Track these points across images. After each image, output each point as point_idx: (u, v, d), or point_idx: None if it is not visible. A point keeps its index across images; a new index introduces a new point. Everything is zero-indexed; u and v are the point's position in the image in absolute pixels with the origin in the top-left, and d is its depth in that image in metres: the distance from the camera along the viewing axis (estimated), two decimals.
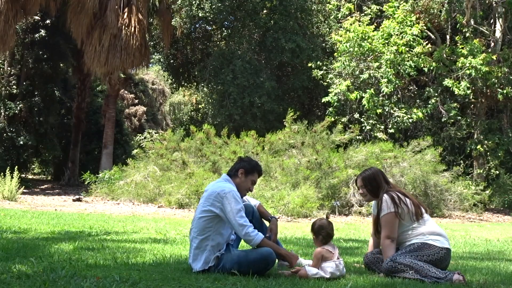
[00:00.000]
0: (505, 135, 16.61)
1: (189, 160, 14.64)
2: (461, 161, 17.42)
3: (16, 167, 14.27)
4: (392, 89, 15.61)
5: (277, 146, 14.45)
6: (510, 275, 4.49)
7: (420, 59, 15.58)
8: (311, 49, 18.63)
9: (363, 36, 15.91)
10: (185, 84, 23.99)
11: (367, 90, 15.57)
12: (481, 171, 16.78)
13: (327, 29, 19.79)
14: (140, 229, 7.86)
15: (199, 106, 25.82)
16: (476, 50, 15.38)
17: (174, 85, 24.29)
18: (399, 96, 16.60)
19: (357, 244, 6.79)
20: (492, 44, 17.38)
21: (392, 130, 15.73)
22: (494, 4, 17.25)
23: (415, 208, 4.37)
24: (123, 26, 18.75)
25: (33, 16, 20.24)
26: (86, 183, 16.95)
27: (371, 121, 15.68)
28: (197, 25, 21.13)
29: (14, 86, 21.51)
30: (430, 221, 4.46)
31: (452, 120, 16.45)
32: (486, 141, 16.22)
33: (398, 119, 15.63)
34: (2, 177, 13.33)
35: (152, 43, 22.85)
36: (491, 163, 16.59)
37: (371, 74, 15.77)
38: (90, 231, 7.17)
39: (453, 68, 16.11)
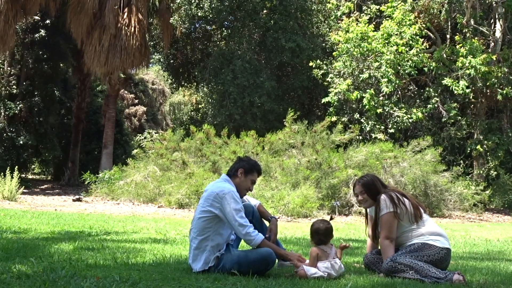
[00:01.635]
0: (505, 135, 16.60)
1: (189, 160, 14.64)
2: (461, 161, 17.42)
3: (16, 167, 14.28)
4: (392, 89, 15.60)
5: (277, 146, 14.45)
6: (510, 275, 4.49)
7: (419, 58, 15.56)
8: (311, 49, 18.61)
9: (363, 36, 15.91)
10: (185, 84, 23.98)
11: (367, 90, 15.57)
12: (481, 171, 16.77)
13: (327, 29, 19.78)
14: (140, 229, 7.86)
15: (199, 106, 25.80)
16: (476, 50, 15.38)
17: (174, 85, 24.27)
18: (399, 96, 16.59)
19: (357, 244, 6.79)
20: (492, 44, 17.37)
21: (392, 130, 15.72)
22: (494, 4, 17.24)
23: (414, 210, 4.37)
24: (123, 26, 18.77)
25: (33, 16, 20.24)
26: (86, 183, 16.96)
27: (370, 122, 15.68)
28: (197, 25, 21.11)
29: (14, 86, 21.52)
30: (430, 221, 4.46)
31: (452, 120, 16.43)
32: (486, 141, 16.21)
33: (398, 119, 15.62)
34: (2, 177, 13.33)
35: (152, 43, 22.85)
36: (491, 163, 16.58)
37: (371, 74, 15.76)
38: (90, 231, 7.17)
39: (453, 68, 16.10)
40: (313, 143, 14.14)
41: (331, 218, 4.45)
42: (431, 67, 15.88)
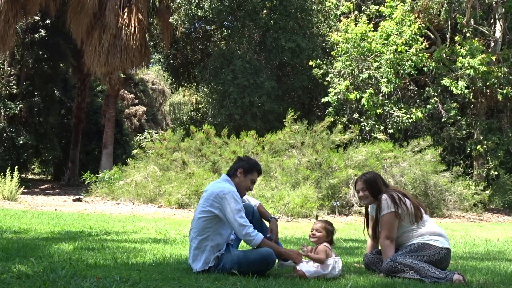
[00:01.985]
0: (505, 135, 16.59)
1: (189, 160, 14.65)
2: (461, 161, 17.41)
3: (16, 167, 14.28)
4: (392, 89, 15.59)
5: (277, 146, 14.45)
6: (510, 275, 4.49)
7: (419, 58, 15.54)
8: (311, 49, 18.62)
9: (362, 37, 15.90)
10: (185, 84, 23.99)
11: (367, 90, 15.57)
12: (481, 171, 16.77)
13: (327, 29, 19.78)
14: (140, 229, 7.86)
15: (199, 106, 25.81)
16: (475, 50, 15.37)
17: (174, 85, 24.29)
18: (398, 96, 16.59)
19: (357, 244, 6.79)
20: (492, 44, 17.36)
21: (391, 130, 15.72)
22: (494, 4, 17.23)
23: (414, 210, 4.37)
24: (123, 26, 18.77)
25: (33, 16, 20.24)
26: (86, 183, 16.96)
27: (370, 122, 15.67)
28: (197, 25, 21.12)
29: (14, 86, 21.52)
30: (430, 222, 4.46)
31: (452, 120, 16.43)
32: (486, 141, 16.20)
33: (398, 119, 15.62)
34: (2, 177, 13.33)
35: (152, 43, 22.85)
36: (491, 163, 16.58)
37: (371, 74, 15.76)
38: (90, 231, 7.17)
39: (452, 68, 16.10)
40: (313, 143, 14.14)
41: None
42: (431, 67, 15.88)
